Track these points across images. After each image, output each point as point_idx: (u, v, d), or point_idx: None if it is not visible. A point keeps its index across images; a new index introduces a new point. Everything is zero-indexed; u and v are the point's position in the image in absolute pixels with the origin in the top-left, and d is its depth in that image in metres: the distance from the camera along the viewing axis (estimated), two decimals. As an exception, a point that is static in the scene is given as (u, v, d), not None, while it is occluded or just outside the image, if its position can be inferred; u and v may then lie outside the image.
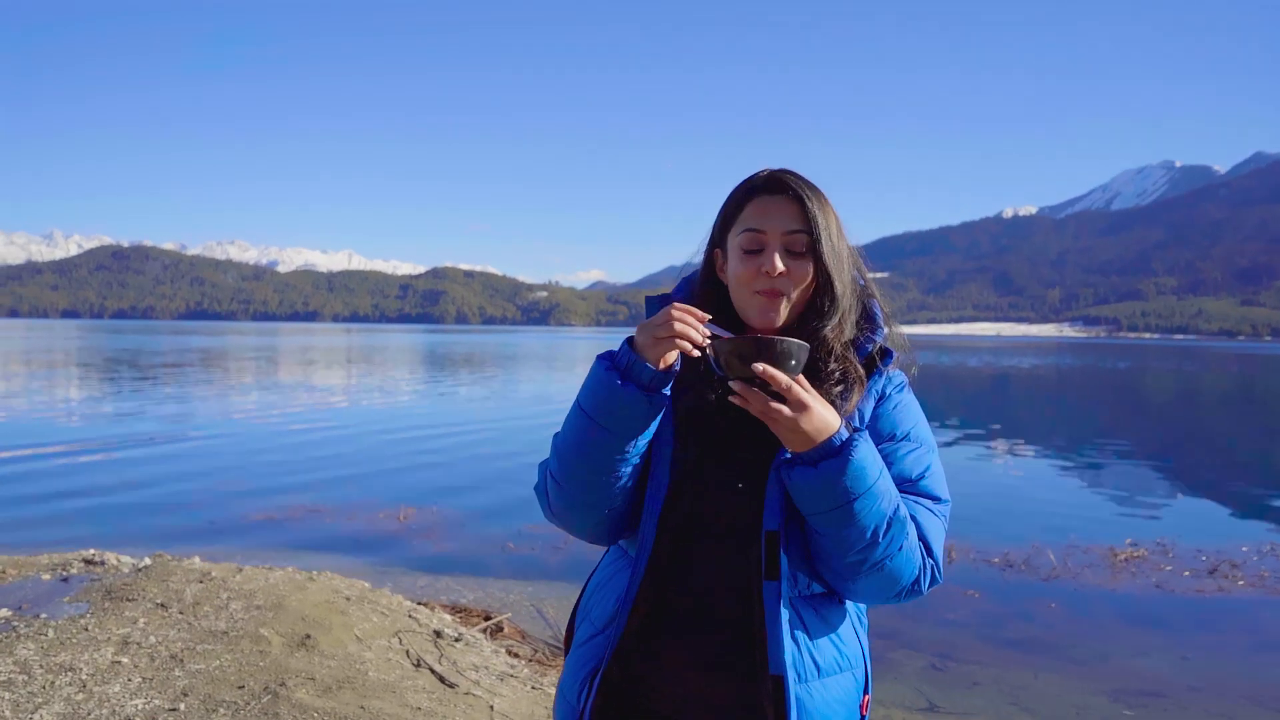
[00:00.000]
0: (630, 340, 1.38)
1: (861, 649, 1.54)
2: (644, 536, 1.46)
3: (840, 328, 1.49)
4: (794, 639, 1.42)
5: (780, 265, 1.44)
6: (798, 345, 1.31)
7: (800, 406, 1.30)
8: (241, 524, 8.81)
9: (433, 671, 4.21)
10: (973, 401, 28.60)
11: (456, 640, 4.82)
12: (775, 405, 1.29)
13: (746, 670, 1.42)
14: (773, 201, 1.47)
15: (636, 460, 1.42)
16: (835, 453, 1.32)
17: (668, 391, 1.39)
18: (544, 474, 1.51)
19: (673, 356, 1.37)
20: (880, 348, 1.55)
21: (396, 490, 10.55)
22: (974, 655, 5.71)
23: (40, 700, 3.58)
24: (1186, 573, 7.57)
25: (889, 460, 1.46)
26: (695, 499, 1.45)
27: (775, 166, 1.52)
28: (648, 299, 1.54)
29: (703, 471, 1.46)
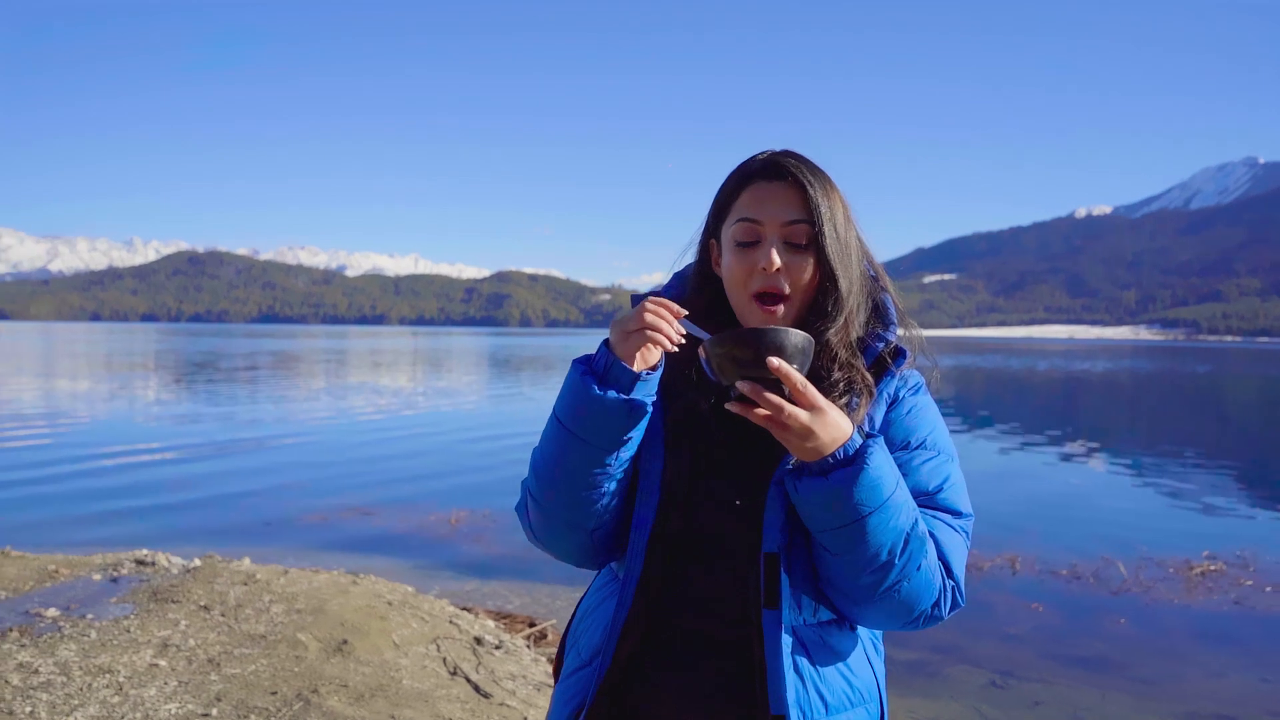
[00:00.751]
0: (607, 341, 1.24)
1: (876, 680, 1.38)
2: (632, 559, 1.31)
3: (846, 329, 1.33)
4: (798, 673, 1.26)
5: (778, 260, 1.29)
6: (803, 337, 1.15)
7: (815, 408, 1.14)
8: (295, 525, 8.88)
9: (468, 680, 4.12)
10: (1040, 406, 27.84)
11: (497, 648, 4.74)
12: (790, 409, 1.13)
13: (746, 706, 1.27)
14: (770, 188, 1.32)
15: (620, 475, 1.28)
16: (848, 461, 1.16)
17: (650, 396, 1.24)
18: (524, 492, 1.37)
19: (654, 356, 1.22)
20: (892, 347, 1.38)
21: (450, 493, 10.55)
22: (1037, 672, 5.45)
23: (76, 703, 3.57)
24: (1268, 588, 7.17)
25: (903, 471, 1.30)
26: (688, 518, 1.31)
27: (778, 149, 1.36)
28: (633, 297, 1.39)
29: (696, 487, 1.31)
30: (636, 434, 1.25)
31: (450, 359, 53.46)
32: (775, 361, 1.11)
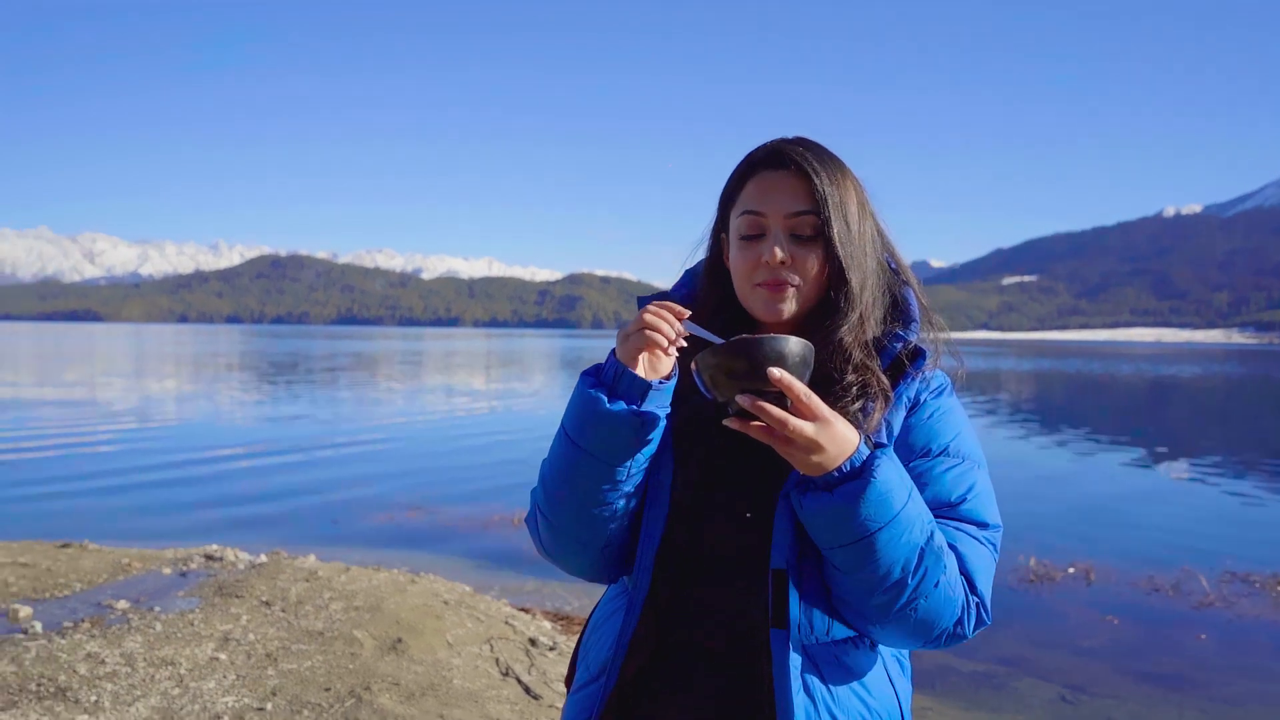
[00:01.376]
0: (615, 351, 1.18)
1: (897, 701, 1.29)
2: (640, 574, 1.26)
3: (860, 327, 1.25)
4: (808, 693, 1.19)
5: (781, 254, 1.22)
6: (802, 345, 1.07)
7: (820, 419, 1.07)
8: (363, 524, 9.03)
9: (519, 681, 4.11)
10: (1122, 411, 26.95)
11: (551, 649, 4.73)
12: (795, 423, 1.05)
13: None
14: (775, 178, 1.25)
15: (631, 489, 1.22)
16: (854, 474, 1.09)
17: (664, 408, 1.18)
18: (534, 505, 1.31)
19: (664, 365, 1.17)
20: (911, 348, 1.29)
21: (515, 493, 10.62)
22: (1110, 688, 5.24)
23: (139, 693, 3.66)
24: (1364, 606, 6.80)
25: (924, 480, 1.22)
26: (696, 531, 1.25)
27: (790, 136, 1.29)
28: (639, 300, 1.34)
29: (705, 499, 1.25)
30: (649, 448, 1.19)
31: (523, 360, 54.01)
32: (776, 372, 1.04)
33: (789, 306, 1.25)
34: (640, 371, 1.16)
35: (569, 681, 1.42)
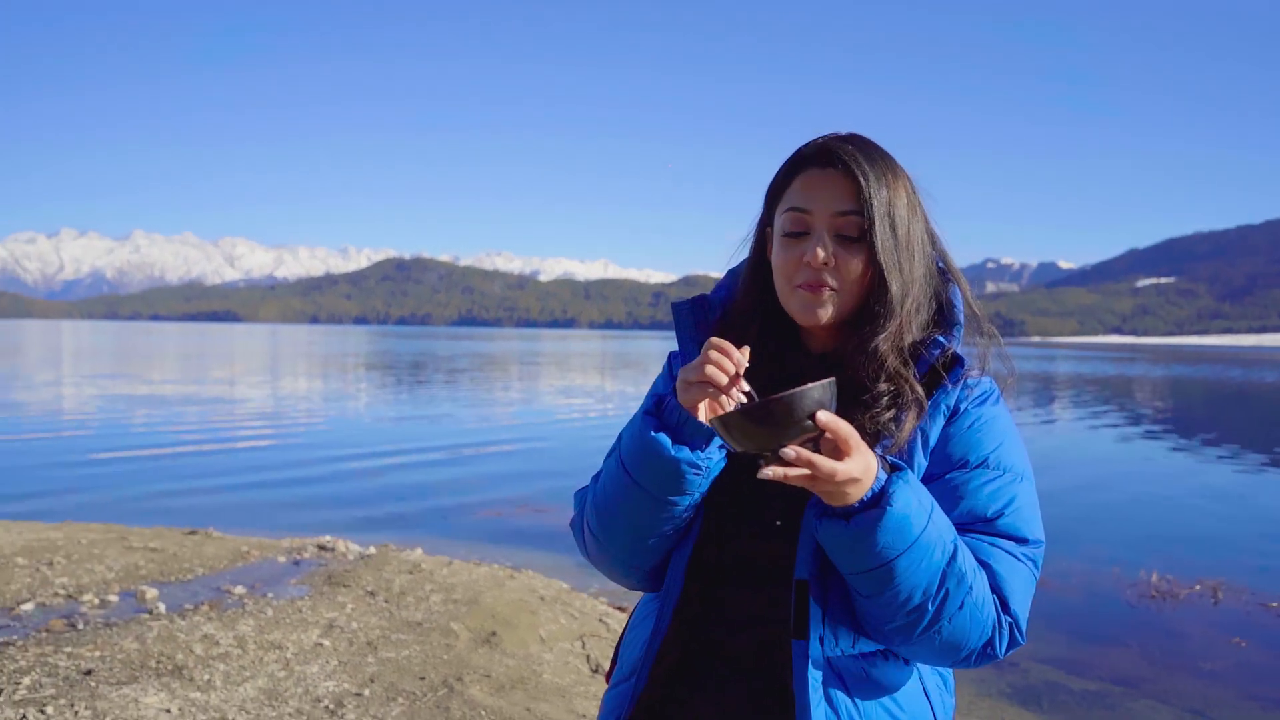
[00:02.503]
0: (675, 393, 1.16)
1: (933, 717, 1.25)
2: (671, 581, 1.27)
3: (897, 336, 1.21)
4: (831, 706, 1.16)
5: (823, 254, 1.19)
6: (820, 389, 1.01)
7: (857, 453, 1.03)
8: (471, 520, 9.26)
9: (607, 678, 4.15)
10: (1258, 422, 25.33)
11: (643, 648, 4.76)
12: (842, 469, 1.01)
13: None
14: (823, 176, 1.22)
15: (687, 517, 1.22)
16: (871, 504, 1.06)
17: (723, 451, 1.15)
18: (581, 515, 1.32)
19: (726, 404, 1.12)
20: (950, 355, 1.24)
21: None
22: (1236, 713, 4.95)
23: (248, 674, 3.85)
24: None
25: (960, 492, 1.18)
26: (727, 537, 1.25)
27: (843, 132, 1.26)
28: (674, 304, 1.33)
29: (737, 505, 1.24)
30: (705, 487, 1.18)
31: (640, 362, 54.40)
32: (824, 418, 1.00)
33: (826, 311, 1.22)
34: (702, 415, 1.13)
35: (609, 676, 1.44)
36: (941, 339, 1.25)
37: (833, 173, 1.22)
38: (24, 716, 3.22)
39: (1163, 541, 8.62)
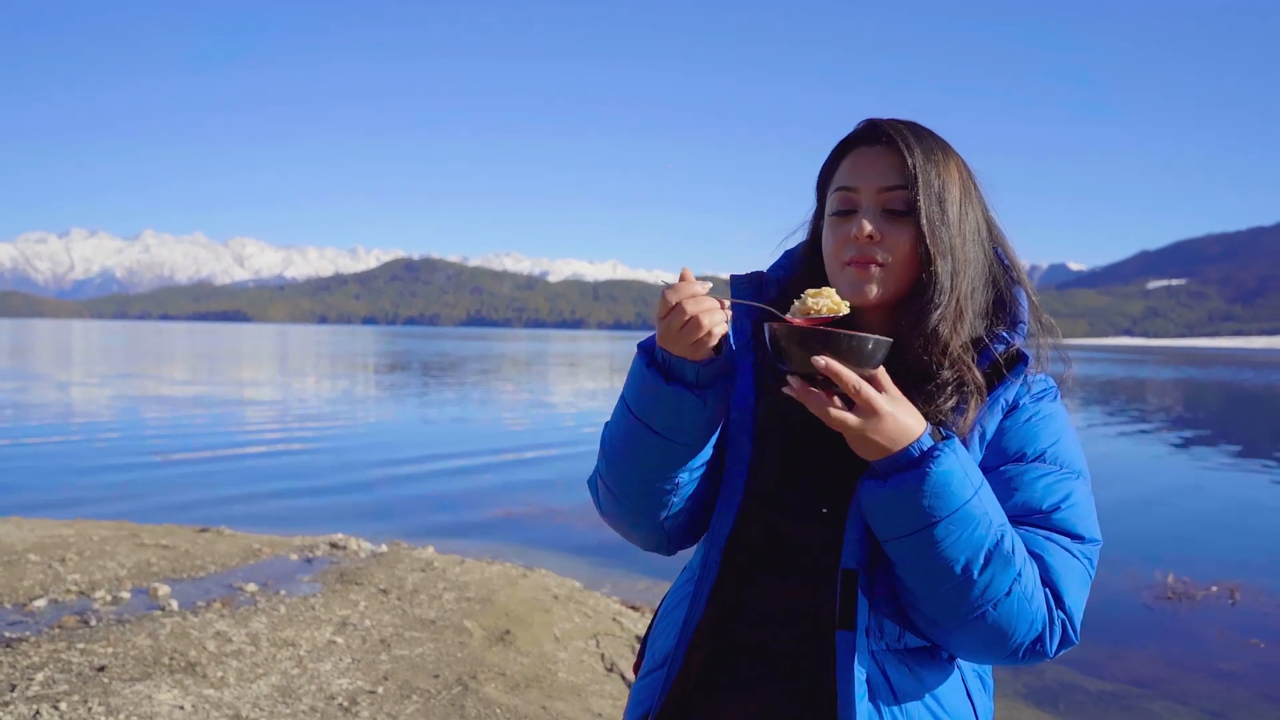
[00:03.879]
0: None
1: (974, 713, 1.22)
2: (708, 565, 1.23)
3: (958, 318, 1.17)
4: (874, 702, 1.13)
5: (869, 227, 1.16)
6: (875, 340, 1.05)
7: (870, 412, 1.04)
8: (481, 518, 9.24)
9: (623, 677, 4.13)
10: (1274, 424, 25.18)
11: (656, 648, 4.73)
12: (837, 412, 1.03)
13: None
14: (870, 153, 1.20)
15: (696, 464, 1.19)
16: (912, 464, 1.05)
17: (714, 386, 1.13)
18: (597, 469, 1.30)
19: (712, 339, 1.08)
20: (1014, 351, 1.22)
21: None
22: (1253, 714, 4.89)
23: (261, 671, 3.84)
24: None
25: (1014, 484, 1.14)
26: (770, 525, 1.21)
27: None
28: (732, 277, 1.30)
29: (782, 491, 1.21)
30: (710, 428, 1.16)
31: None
32: (823, 361, 1.03)
33: (875, 288, 1.19)
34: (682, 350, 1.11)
35: (637, 667, 1.41)
36: (1005, 335, 1.22)
37: (879, 149, 1.20)
38: (37, 713, 3.21)
39: (1178, 542, 8.56)
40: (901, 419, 1.05)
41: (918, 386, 1.16)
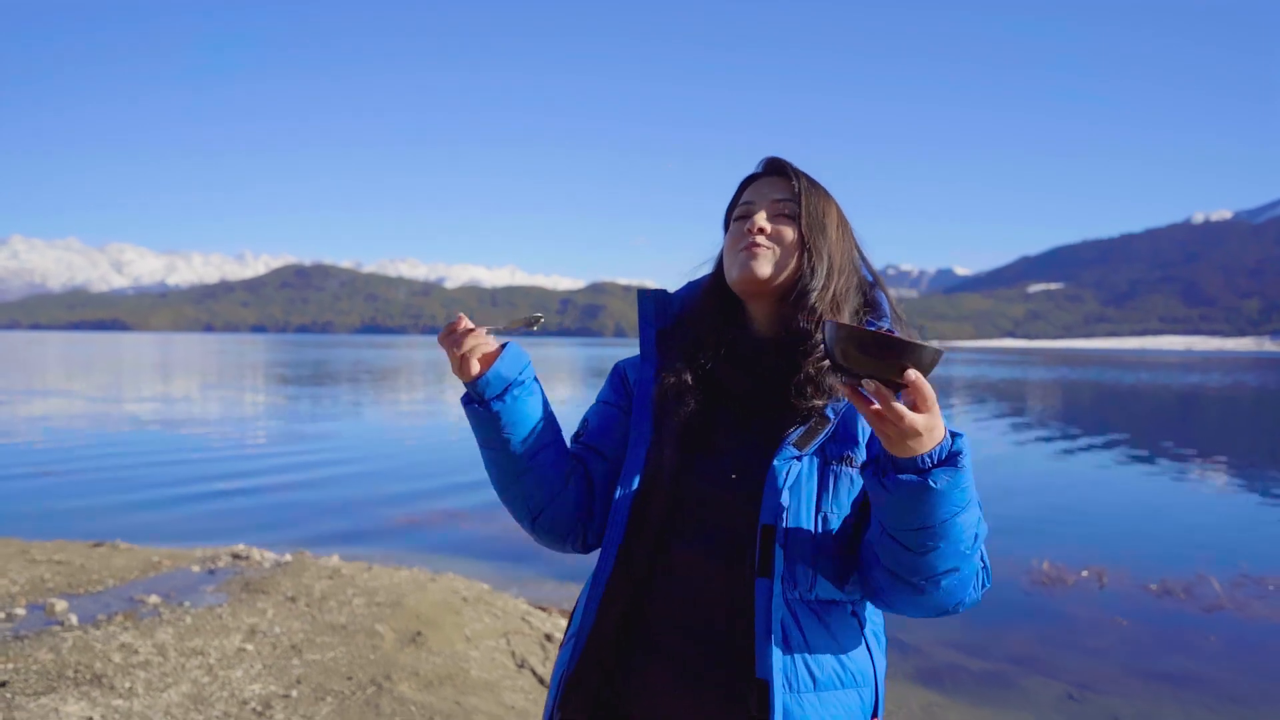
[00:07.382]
0: None
1: (873, 666, 1.38)
2: (614, 525, 1.39)
3: (834, 303, 1.40)
4: (786, 643, 1.29)
5: (762, 221, 1.42)
6: (933, 350, 1.10)
7: (932, 415, 1.12)
8: (385, 525, 9.19)
9: (534, 673, 4.25)
10: (1142, 420, 26.77)
11: (566, 644, 4.86)
12: (911, 417, 1.10)
13: (731, 683, 1.30)
14: (766, 180, 1.48)
15: (541, 462, 1.42)
16: (948, 461, 1.15)
17: (485, 398, 1.36)
18: None
19: (473, 365, 1.35)
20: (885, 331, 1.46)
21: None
22: (1117, 687, 5.31)
23: (171, 681, 3.83)
24: (1378, 609, 6.81)
25: None
26: (675, 495, 1.38)
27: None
28: (639, 292, 1.52)
29: (686, 460, 1.38)
30: (517, 427, 1.39)
31: (552, 371, 54.24)
32: (913, 375, 1.09)
33: (763, 266, 1.41)
34: (473, 368, 1.36)
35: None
36: (873, 321, 1.45)
37: (774, 178, 1.47)
38: (-60, 729, 3.16)
39: (1053, 531, 9.12)
40: (940, 419, 1.14)
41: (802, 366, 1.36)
